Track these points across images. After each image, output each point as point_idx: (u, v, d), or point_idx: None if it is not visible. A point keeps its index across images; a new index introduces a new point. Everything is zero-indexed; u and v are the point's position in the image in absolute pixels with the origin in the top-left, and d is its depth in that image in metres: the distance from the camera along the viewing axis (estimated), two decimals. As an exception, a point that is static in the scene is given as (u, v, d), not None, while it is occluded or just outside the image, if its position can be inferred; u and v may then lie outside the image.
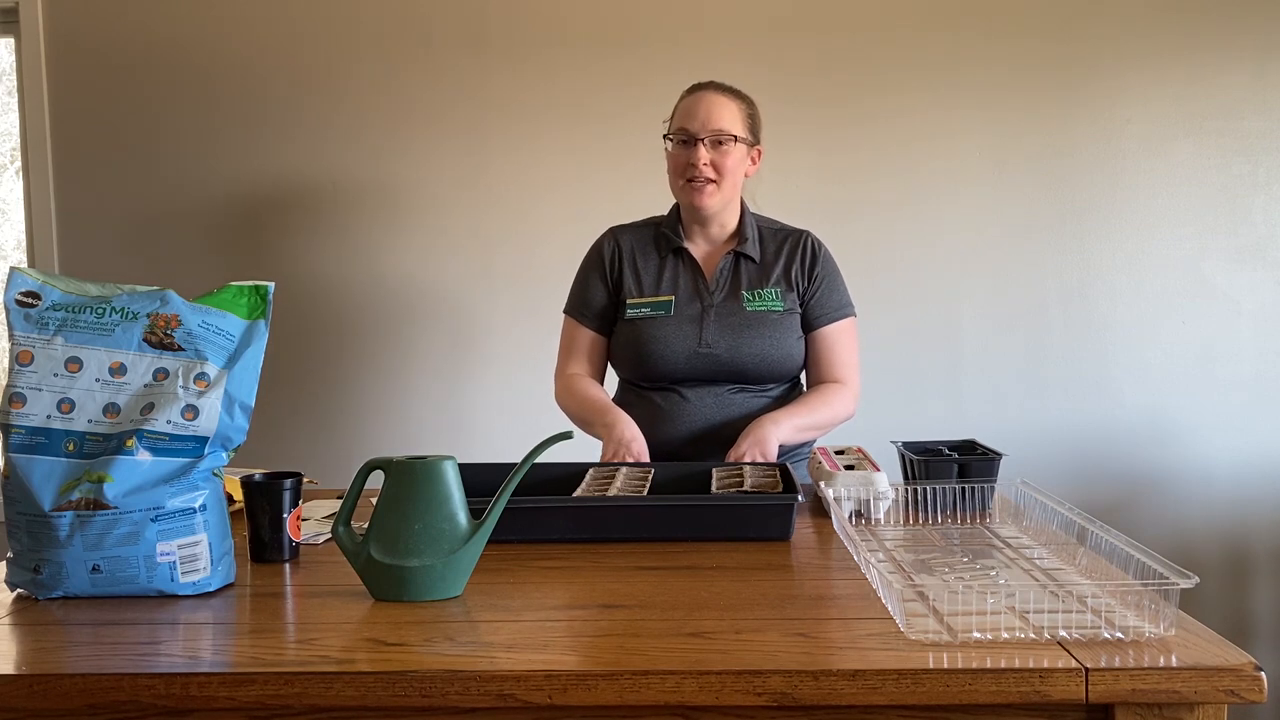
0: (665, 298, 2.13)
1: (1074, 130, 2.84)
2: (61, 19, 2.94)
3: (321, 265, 2.95)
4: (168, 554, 1.32)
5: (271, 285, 1.44)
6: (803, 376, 2.22)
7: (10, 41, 3.01)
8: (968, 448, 1.85)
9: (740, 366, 2.08)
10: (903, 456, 1.83)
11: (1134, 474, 2.87)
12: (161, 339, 1.36)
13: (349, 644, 1.16)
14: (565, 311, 2.23)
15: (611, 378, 2.25)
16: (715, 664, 1.06)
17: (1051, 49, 2.83)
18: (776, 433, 1.99)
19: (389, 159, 2.93)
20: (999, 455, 1.76)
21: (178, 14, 2.93)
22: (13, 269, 1.40)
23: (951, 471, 1.74)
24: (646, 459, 1.97)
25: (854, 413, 2.17)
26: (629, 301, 2.14)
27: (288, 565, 1.49)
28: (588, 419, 2.09)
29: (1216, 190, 2.83)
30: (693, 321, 2.10)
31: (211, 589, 1.35)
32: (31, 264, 2.98)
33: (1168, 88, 2.82)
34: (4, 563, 1.39)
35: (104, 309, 1.37)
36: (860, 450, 1.88)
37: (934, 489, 1.65)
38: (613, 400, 2.17)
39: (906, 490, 1.66)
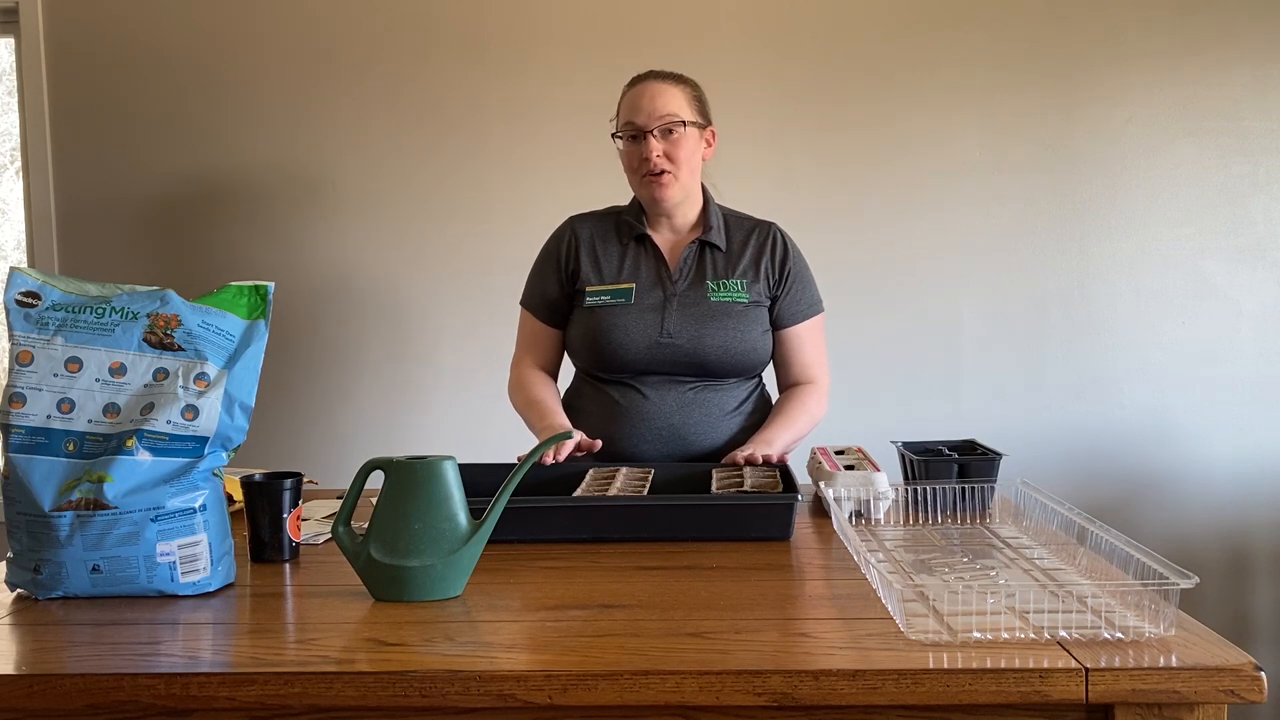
0: (626, 285, 2.06)
1: (1074, 130, 2.84)
2: (61, 19, 2.94)
3: (324, 264, 2.95)
4: (168, 554, 1.32)
5: (271, 285, 1.44)
6: (768, 373, 2.16)
7: (10, 41, 3.01)
8: (968, 448, 1.85)
9: (702, 358, 2.01)
10: (903, 456, 1.83)
11: (1134, 474, 2.87)
12: (161, 339, 1.36)
13: (349, 644, 1.16)
14: (521, 304, 2.19)
15: (567, 370, 2.20)
16: (715, 664, 1.06)
17: (1051, 49, 2.83)
18: (775, 448, 1.96)
19: (393, 159, 2.93)
20: (999, 455, 1.76)
21: (178, 14, 2.93)
22: (13, 269, 1.40)
23: (951, 471, 1.74)
24: (580, 437, 1.93)
25: (826, 410, 2.14)
26: (588, 289, 2.06)
27: (288, 565, 1.49)
28: (529, 419, 2.08)
29: (1216, 190, 2.83)
30: (654, 310, 2.02)
31: (211, 589, 1.35)
32: (31, 264, 2.98)
33: (1168, 88, 2.82)
34: (4, 563, 1.39)
35: (104, 309, 1.37)
36: (860, 450, 1.88)
37: (934, 489, 1.65)
38: (568, 392, 2.15)
39: (906, 490, 1.66)
